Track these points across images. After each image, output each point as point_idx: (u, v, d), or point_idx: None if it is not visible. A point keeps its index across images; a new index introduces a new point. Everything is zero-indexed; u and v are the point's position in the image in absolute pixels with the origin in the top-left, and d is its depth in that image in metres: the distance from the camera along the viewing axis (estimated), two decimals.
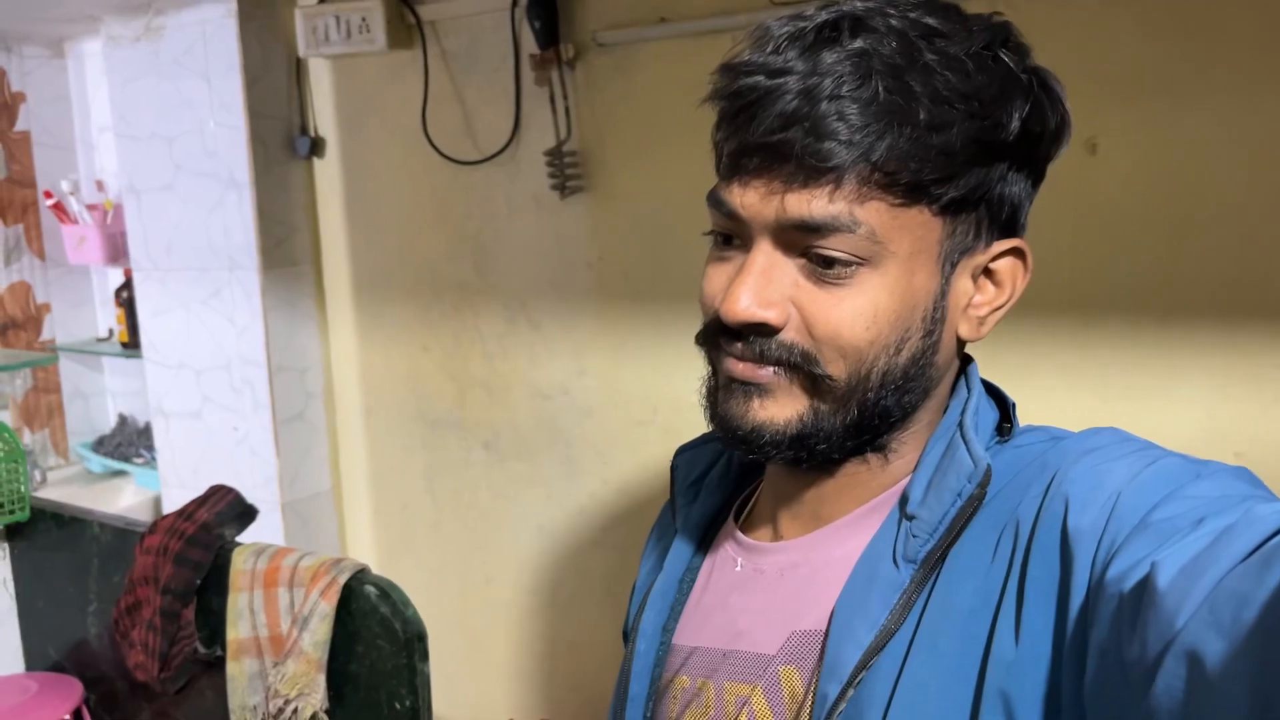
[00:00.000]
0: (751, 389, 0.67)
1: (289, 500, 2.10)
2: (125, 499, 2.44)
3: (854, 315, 0.64)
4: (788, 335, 0.65)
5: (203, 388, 2.17)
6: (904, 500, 0.68)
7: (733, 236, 0.68)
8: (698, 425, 1.78)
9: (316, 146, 2.09)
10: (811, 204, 0.62)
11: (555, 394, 1.92)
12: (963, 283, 0.68)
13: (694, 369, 1.75)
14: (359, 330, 2.14)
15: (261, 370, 2.07)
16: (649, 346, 1.80)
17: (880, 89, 0.60)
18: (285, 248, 2.08)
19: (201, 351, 2.15)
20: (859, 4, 0.64)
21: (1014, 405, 0.73)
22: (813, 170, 0.61)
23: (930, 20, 0.63)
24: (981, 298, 0.69)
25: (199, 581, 1.20)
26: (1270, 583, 0.43)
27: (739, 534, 0.78)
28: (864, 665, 0.63)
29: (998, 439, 0.71)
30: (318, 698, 1.07)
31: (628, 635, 0.94)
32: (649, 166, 1.74)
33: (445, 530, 2.11)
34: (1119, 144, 1.34)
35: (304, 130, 2.08)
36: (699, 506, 0.84)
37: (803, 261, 0.65)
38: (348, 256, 2.12)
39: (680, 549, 0.83)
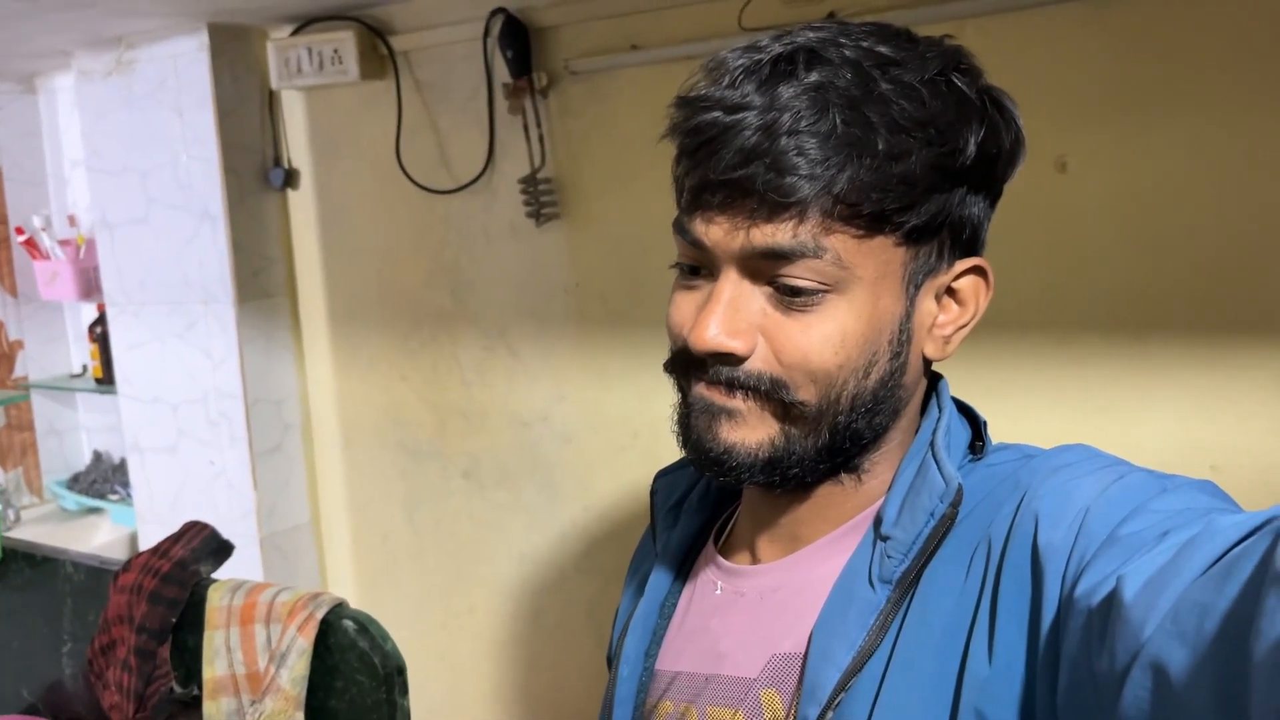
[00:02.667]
0: (721, 412, 0.68)
1: (267, 534, 2.08)
2: (101, 536, 2.40)
3: (822, 341, 0.65)
4: (755, 364, 0.66)
5: (179, 422, 2.15)
6: (878, 521, 0.68)
7: (699, 267, 0.69)
8: (678, 450, 1.79)
9: (290, 178, 2.08)
10: (776, 235, 0.63)
11: (535, 421, 1.91)
12: (927, 303, 0.69)
13: (670, 393, 1.76)
14: (336, 361, 2.13)
15: (238, 403, 2.05)
16: (628, 371, 1.80)
17: (838, 121, 0.61)
18: (260, 279, 2.07)
19: (177, 385, 2.13)
20: (812, 35, 0.65)
21: (985, 423, 0.73)
22: (776, 205, 0.62)
23: (883, 49, 0.64)
24: (946, 317, 0.70)
25: (175, 619, 1.18)
26: (1230, 593, 0.44)
27: (719, 558, 0.78)
28: (842, 687, 0.63)
29: (970, 458, 0.71)
30: None
31: (611, 662, 0.94)
32: (624, 192, 1.75)
33: (427, 560, 2.10)
34: (1089, 163, 1.35)
35: (277, 162, 2.08)
36: (679, 531, 0.84)
37: (769, 290, 0.65)
38: (324, 287, 2.11)
39: (661, 574, 0.83)
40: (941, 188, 0.64)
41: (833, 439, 0.67)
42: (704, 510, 0.85)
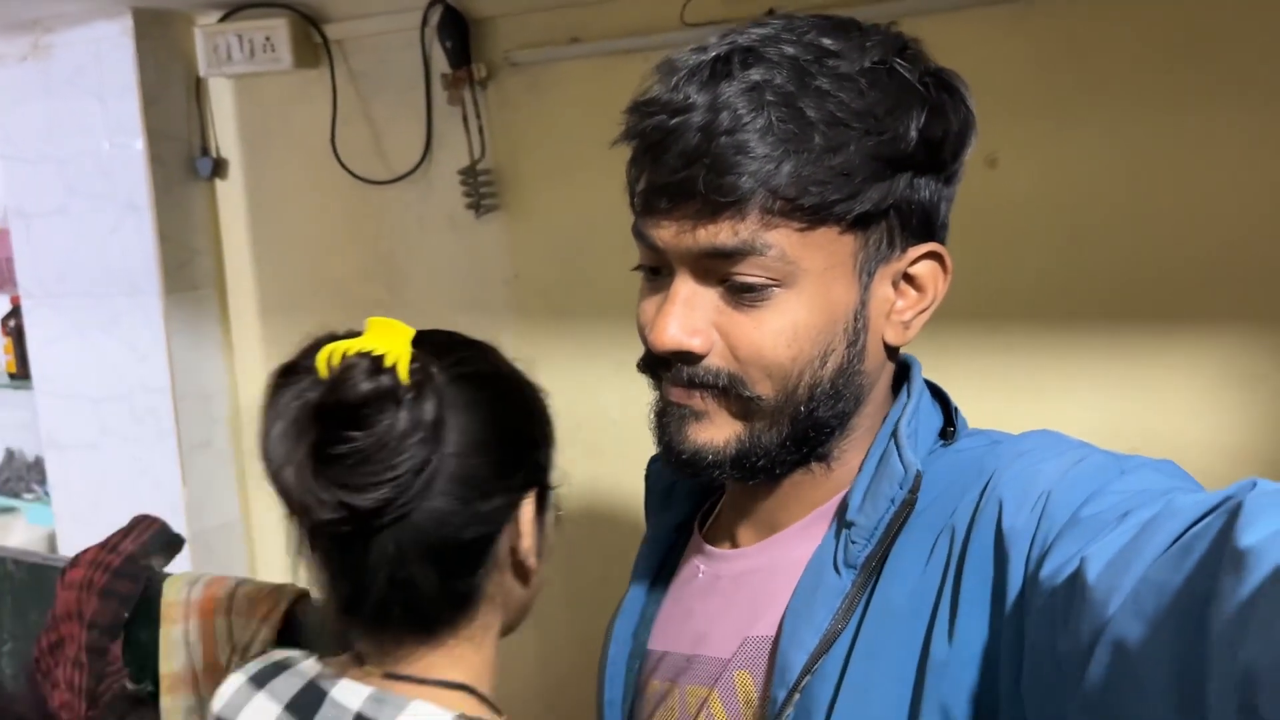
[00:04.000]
0: (688, 413, 0.69)
1: (196, 530, 2.04)
2: (16, 536, 2.32)
3: (775, 335, 0.66)
4: (713, 361, 0.68)
5: (100, 418, 2.09)
6: (843, 508, 0.70)
7: (659, 268, 0.70)
8: (621, 442, 1.81)
9: (219, 167, 2.04)
10: (719, 235, 0.64)
11: None
12: (883, 290, 0.70)
13: (617, 385, 1.78)
14: (267, 354, 2.09)
15: (165, 398, 2.01)
16: (570, 364, 1.81)
17: (773, 118, 0.62)
18: (188, 271, 2.03)
19: (99, 380, 2.07)
20: (755, 32, 0.66)
21: (956, 409, 0.74)
22: (717, 205, 0.63)
23: (825, 40, 0.65)
24: (904, 303, 0.71)
25: (127, 615, 1.16)
26: (1187, 571, 0.45)
27: (702, 542, 0.80)
28: (808, 670, 0.65)
29: (940, 443, 0.73)
30: None
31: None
32: (565, 184, 1.76)
33: None
34: (1017, 159, 1.41)
35: (205, 151, 2.03)
36: (669, 515, 0.86)
37: (721, 289, 0.67)
38: (254, 279, 2.08)
39: (650, 557, 0.85)
40: (883, 175, 0.65)
41: (795, 429, 0.69)
42: (693, 496, 0.86)
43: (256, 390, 2.23)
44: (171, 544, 1.24)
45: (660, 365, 0.70)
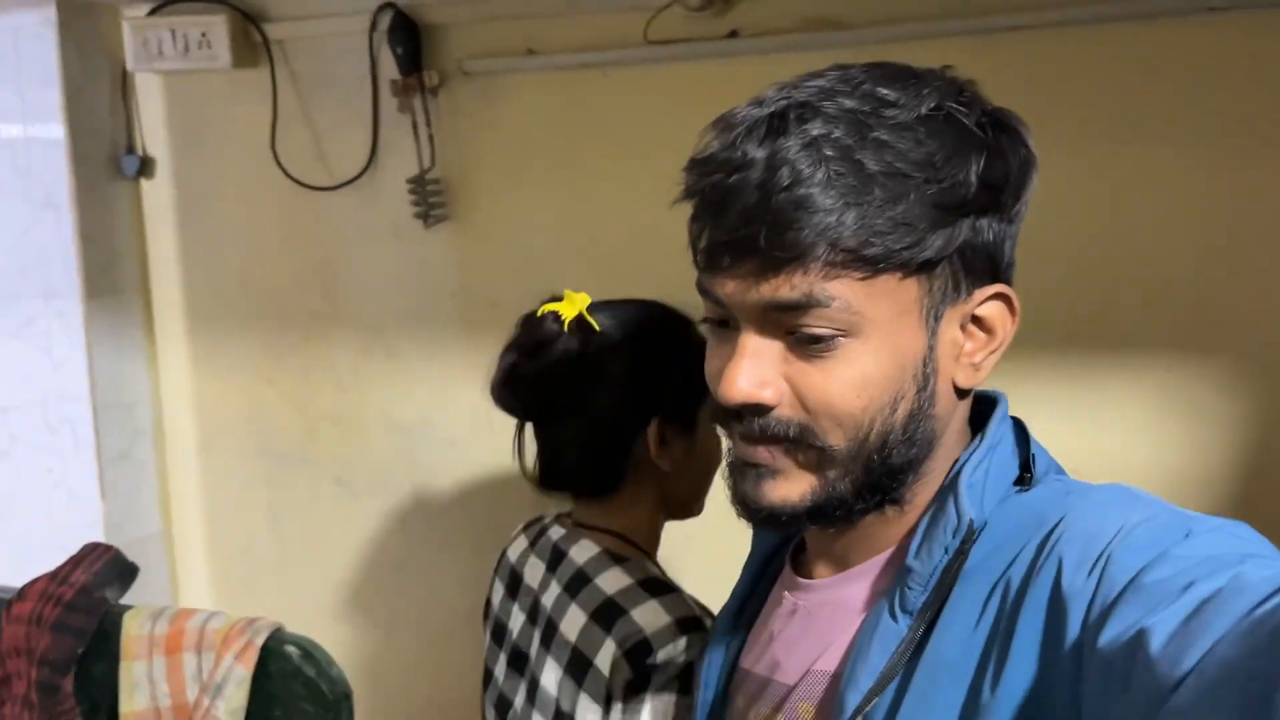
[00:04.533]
0: (763, 470, 0.70)
1: (115, 545, 1.94)
2: None
3: (844, 386, 0.67)
4: (783, 412, 0.68)
5: (10, 426, 1.98)
6: (905, 553, 0.70)
7: (726, 321, 0.71)
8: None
9: (145, 166, 1.95)
10: (780, 290, 0.65)
11: (415, 426, 1.87)
12: (951, 333, 0.70)
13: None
14: (194, 362, 2.01)
15: (83, 406, 1.91)
16: None
17: (833, 172, 0.63)
18: (110, 274, 1.93)
19: (9, 387, 1.96)
20: (811, 85, 0.67)
21: (1036, 455, 0.73)
22: (778, 261, 0.64)
23: (881, 90, 0.65)
24: (973, 345, 0.71)
25: (81, 650, 1.10)
26: (1256, 649, 0.45)
27: (790, 571, 0.81)
28: (860, 710, 0.66)
29: (1016, 489, 0.71)
30: None
31: None
32: (516, 197, 1.73)
33: (292, 572, 2.01)
34: None
35: (131, 149, 1.94)
36: (769, 537, 0.87)
37: (789, 340, 0.68)
38: (181, 283, 1.99)
39: (746, 577, 0.88)
40: (944, 222, 0.66)
41: (869, 477, 0.70)
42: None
43: (182, 399, 2.15)
44: (126, 573, 1.18)
45: (731, 417, 0.71)
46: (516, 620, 1.17)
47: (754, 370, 0.68)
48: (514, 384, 1.15)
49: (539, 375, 1.12)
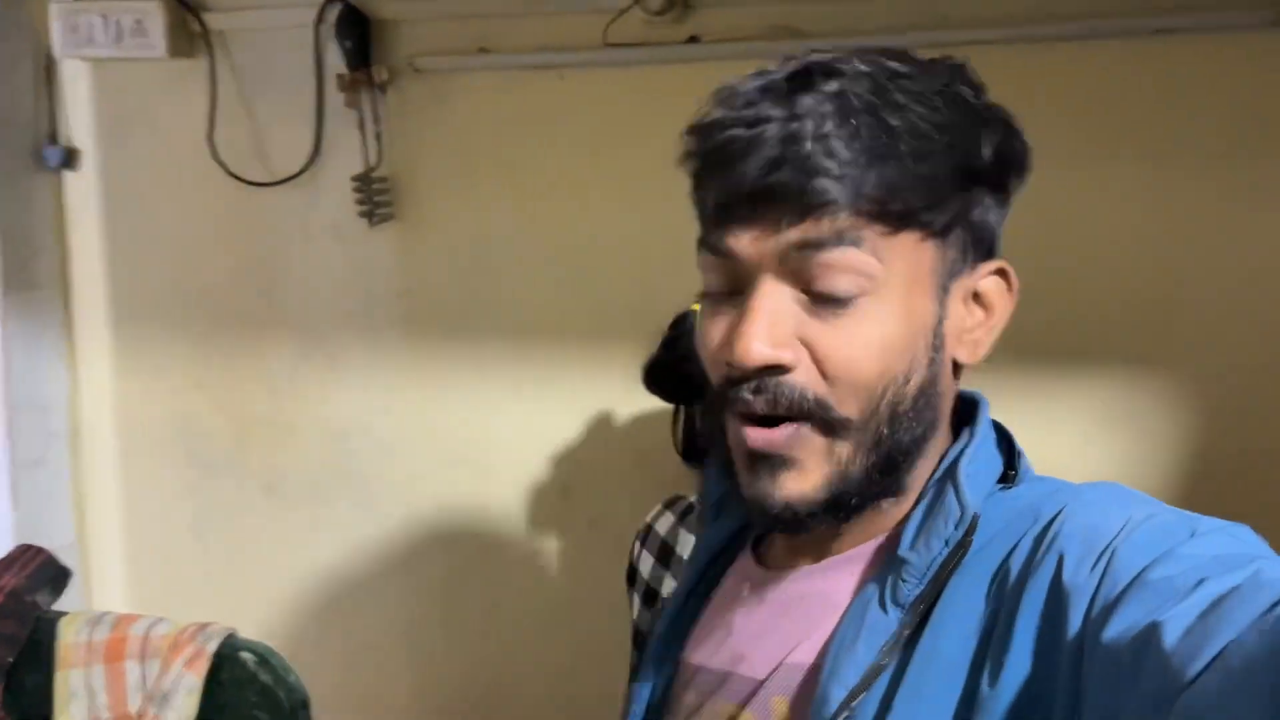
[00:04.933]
0: (776, 463, 0.66)
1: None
2: None
3: (864, 347, 0.65)
4: (799, 377, 0.65)
5: None
6: (895, 543, 0.67)
7: (729, 289, 0.67)
8: (514, 464, 1.75)
9: (70, 158, 1.86)
10: (809, 231, 0.63)
11: (354, 432, 1.81)
12: (957, 307, 0.69)
13: (512, 406, 1.73)
14: (117, 364, 1.91)
15: None
16: (463, 382, 1.75)
17: (861, 126, 0.63)
18: (28, 270, 1.84)
19: None
20: (823, 54, 0.66)
21: (1021, 453, 0.71)
22: (807, 207, 0.63)
23: (893, 64, 0.66)
24: (973, 321, 0.70)
25: (11, 660, 1.01)
26: (1278, 644, 0.44)
27: (752, 560, 0.78)
28: (846, 705, 0.63)
29: (1000, 487, 0.70)
30: None
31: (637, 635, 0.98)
32: (464, 198, 1.70)
33: (217, 583, 1.92)
34: None
35: (54, 139, 1.85)
36: (719, 526, 0.83)
37: (805, 299, 0.65)
38: (105, 281, 1.90)
39: (694, 566, 0.83)
40: (963, 187, 0.65)
41: (879, 456, 0.67)
42: (743, 512, 0.84)
43: (102, 403, 2.05)
44: (59, 578, 1.10)
45: (737, 387, 0.66)
46: (668, 586, 1.27)
47: (770, 328, 0.64)
48: (652, 371, 1.31)
49: (672, 363, 1.28)
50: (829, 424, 0.65)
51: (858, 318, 0.64)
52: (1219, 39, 1.38)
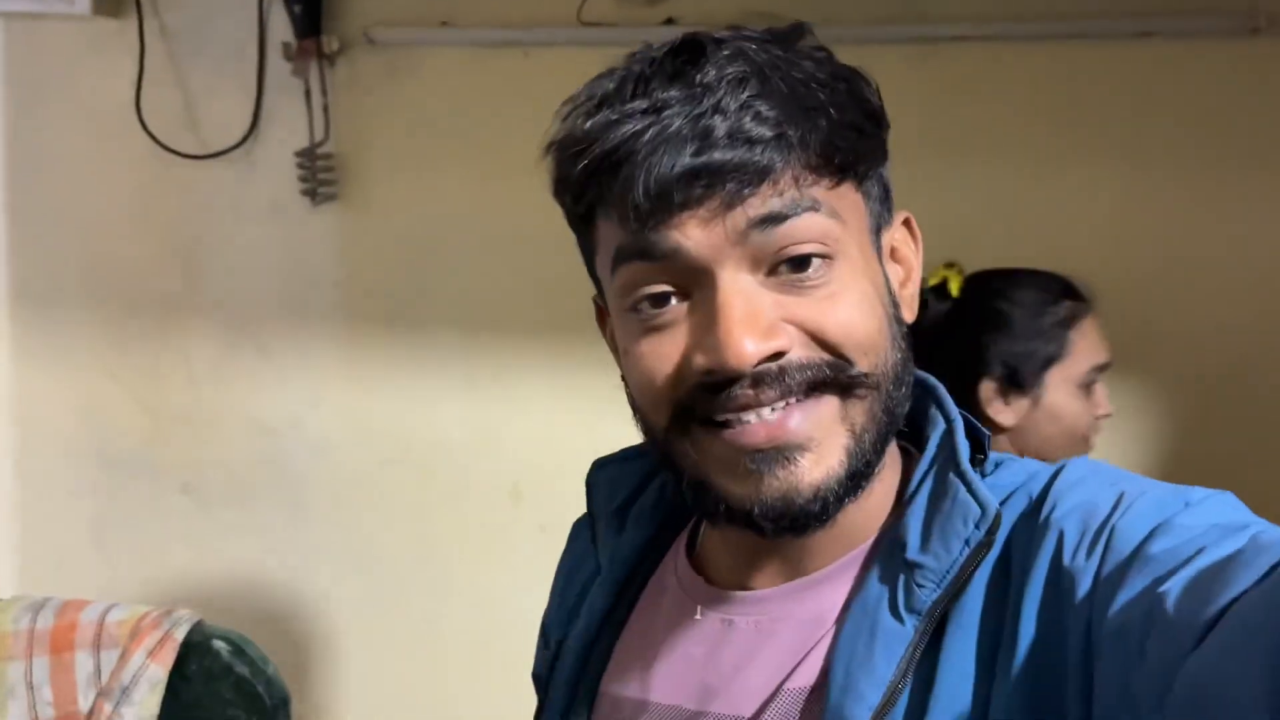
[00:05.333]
0: (788, 453, 0.59)
1: None
2: None
3: (854, 307, 0.59)
4: (800, 353, 0.58)
5: None
6: (900, 546, 0.61)
7: (668, 293, 0.60)
8: (456, 465, 1.65)
9: None
10: (765, 203, 0.57)
11: (283, 428, 1.68)
12: (889, 264, 0.65)
13: (456, 402, 1.63)
14: (15, 349, 1.74)
15: None
16: (405, 376, 1.64)
17: (778, 81, 0.58)
18: None
19: None
20: (676, 40, 0.61)
21: (989, 436, 0.66)
22: (751, 176, 0.57)
23: (750, 31, 0.62)
24: (897, 278, 0.66)
25: None
26: None
27: (697, 578, 0.69)
28: None
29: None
30: None
31: (538, 681, 0.80)
32: (417, 179, 1.61)
33: (120, 593, 1.75)
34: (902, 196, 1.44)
35: None
36: (627, 539, 0.74)
37: (773, 279, 0.59)
38: (4, 258, 1.73)
39: (605, 587, 0.72)
40: (874, 134, 0.62)
41: (884, 418, 0.61)
42: (657, 516, 0.74)
43: None
44: None
45: (723, 399, 0.58)
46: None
47: (754, 319, 0.57)
48: None
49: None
50: (847, 384, 0.59)
51: (834, 283, 0.59)
52: (1198, 44, 1.39)
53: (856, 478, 0.60)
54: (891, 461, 0.65)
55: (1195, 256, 1.42)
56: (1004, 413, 1.26)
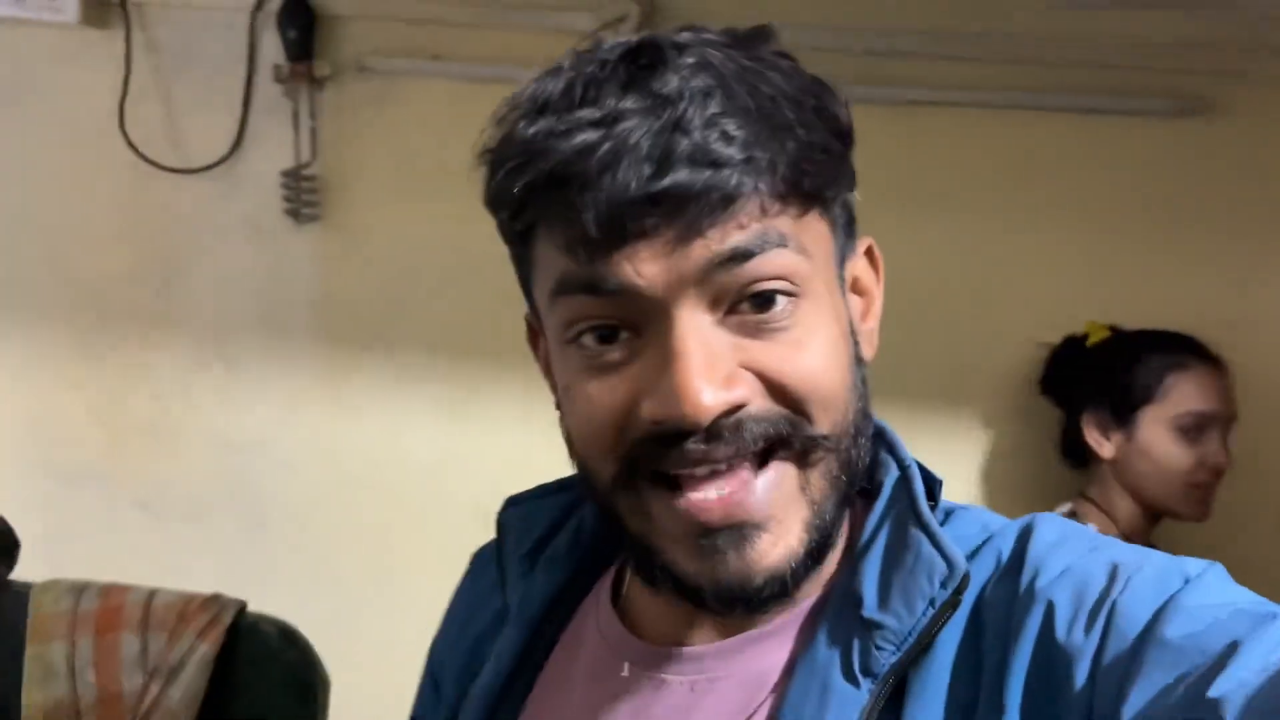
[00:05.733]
0: (744, 530, 0.53)
1: None
2: None
3: (820, 356, 0.54)
4: (758, 407, 0.53)
5: None
6: (853, 601, 0.56)
7: (615, 329, 0.54)
8: (426, 489, 1.67)
9: None
10: (730, 235, 0.51)
11: (248, 445, 1.68)
12: (850, 296, 0.60)
13: (429, 425, 1.65)
14: None
15: None
16: (376, 399, 1.66)
17: (745, 97, 0.52)
18: None
19: None
20: (629, 42, 0.55)
21: (940, 483, 0.61)
22: (715, 204, 0.51)
23: (710, 35, 0.56)
24: (858, 311, 0.60)
25: None
26: None
27: (621, 629, 0.63)
28: None
29: None
30: None
31: None
32: (399, 205, 1.64)
33: None
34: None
35: None
36: (540, 584, 0.68)
37: (732, 318, 0.53)
38: None
39: (513, 635, 0.67)
40: (841, 154, 0.57)
41: (843, 481, 0.56)
42: (573, 559, 0.69)
43: None
44: (11, 549, 0.96)
45: (650, 456, 0.53)
46: None
47: (712, 366, 0.51)
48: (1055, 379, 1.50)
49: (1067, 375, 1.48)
50: (805, 447, 0.54)
51: (799, 326, 0.53)
52: (1137, 121, 1.51)
53: (815, 553, 0.56)
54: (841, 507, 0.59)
55: (1128, 305, 1.52)
56: (1102, 445, 1.42)
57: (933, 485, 0.60)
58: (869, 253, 0.61)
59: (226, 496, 1.68)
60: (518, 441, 1.64)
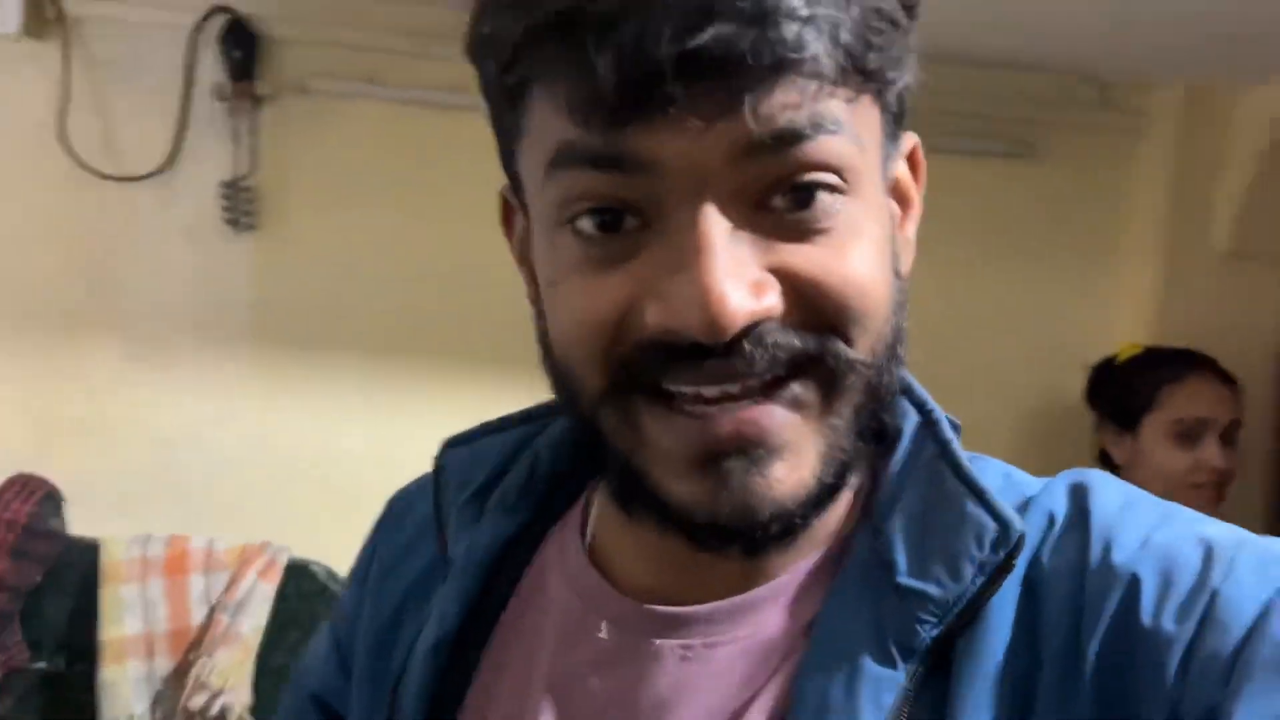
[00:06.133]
0: (759, 453, 0.45)
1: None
2: None
3: (866, 267, 0.46)
4: (788, 320, 0.45)
5: None
6: (882, 565, 0.49)
7: (621, 215, 0.45)
8: (364, 483, 1.78)
9: None
10: (777, 116, 0.42)
11: (180, 441, 1.76)
12: (890, 199, 0.51)
13: (363, 421, 1.78)
14: None
15: None
16: (312, 394, 1.77)
17: None
18: None
19: None
20: None
21: (959, 428, 0.53)
22: (766, 71, 0.41)
23: None
24: (895, 218, 0.51)
25: (38, 579, 0.93)
26: None
27: (600, 582, 0.54)
28: None
29: None
30: (245, 692, 0.90)
31: (319, 700, 0.68)
32: (333, 217, 1.77)
33: None
34: None
35: None
36: (486, 530, 0.59)
37: (762, 214, 0.44)
38: None
39: (457, 589, 0.57)
40: (909, 31, 0.47)
41: (869, 410, 0.49)
42: (528, 504, 0.60)
43: None
44: (59, 508, 1.03)
45: (651, 374, 0.45)
46: None
47: (741, 267, 0.43)
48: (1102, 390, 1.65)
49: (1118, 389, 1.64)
50: (836, 373, 0.46)
51: (844, 231, 0.45)
52: (975, 161, 1.81)
53: (833, 486, 0.49)
54: (860, 447, 0.50)
55: (969, 317, 1.81)
56: (1115, 449, 1.58)
57: (955, 431, 0.53)
58: (911, 155, 0.53)
59: (157, 491, 1.74)
60: (438, 434, 1.79)
